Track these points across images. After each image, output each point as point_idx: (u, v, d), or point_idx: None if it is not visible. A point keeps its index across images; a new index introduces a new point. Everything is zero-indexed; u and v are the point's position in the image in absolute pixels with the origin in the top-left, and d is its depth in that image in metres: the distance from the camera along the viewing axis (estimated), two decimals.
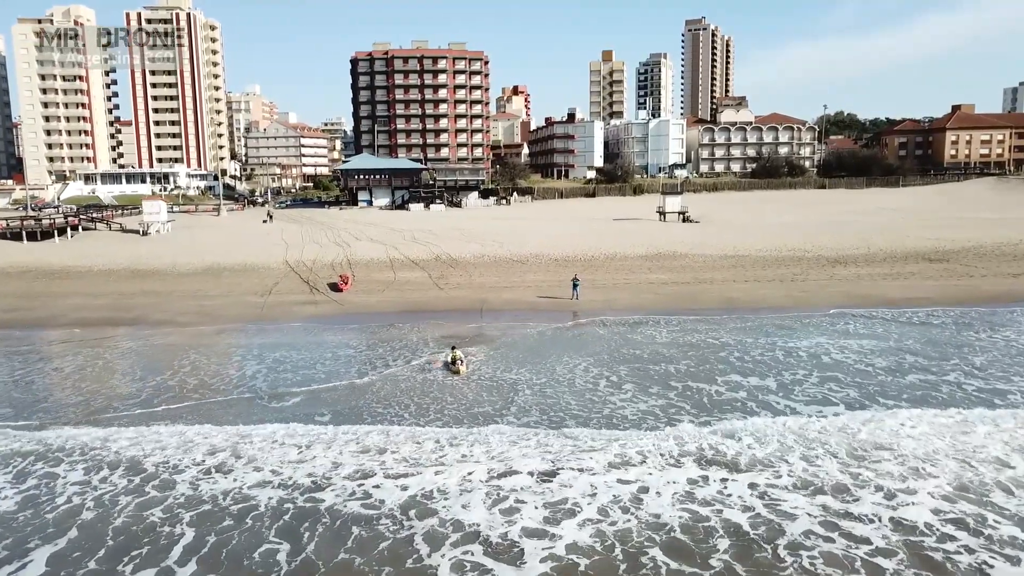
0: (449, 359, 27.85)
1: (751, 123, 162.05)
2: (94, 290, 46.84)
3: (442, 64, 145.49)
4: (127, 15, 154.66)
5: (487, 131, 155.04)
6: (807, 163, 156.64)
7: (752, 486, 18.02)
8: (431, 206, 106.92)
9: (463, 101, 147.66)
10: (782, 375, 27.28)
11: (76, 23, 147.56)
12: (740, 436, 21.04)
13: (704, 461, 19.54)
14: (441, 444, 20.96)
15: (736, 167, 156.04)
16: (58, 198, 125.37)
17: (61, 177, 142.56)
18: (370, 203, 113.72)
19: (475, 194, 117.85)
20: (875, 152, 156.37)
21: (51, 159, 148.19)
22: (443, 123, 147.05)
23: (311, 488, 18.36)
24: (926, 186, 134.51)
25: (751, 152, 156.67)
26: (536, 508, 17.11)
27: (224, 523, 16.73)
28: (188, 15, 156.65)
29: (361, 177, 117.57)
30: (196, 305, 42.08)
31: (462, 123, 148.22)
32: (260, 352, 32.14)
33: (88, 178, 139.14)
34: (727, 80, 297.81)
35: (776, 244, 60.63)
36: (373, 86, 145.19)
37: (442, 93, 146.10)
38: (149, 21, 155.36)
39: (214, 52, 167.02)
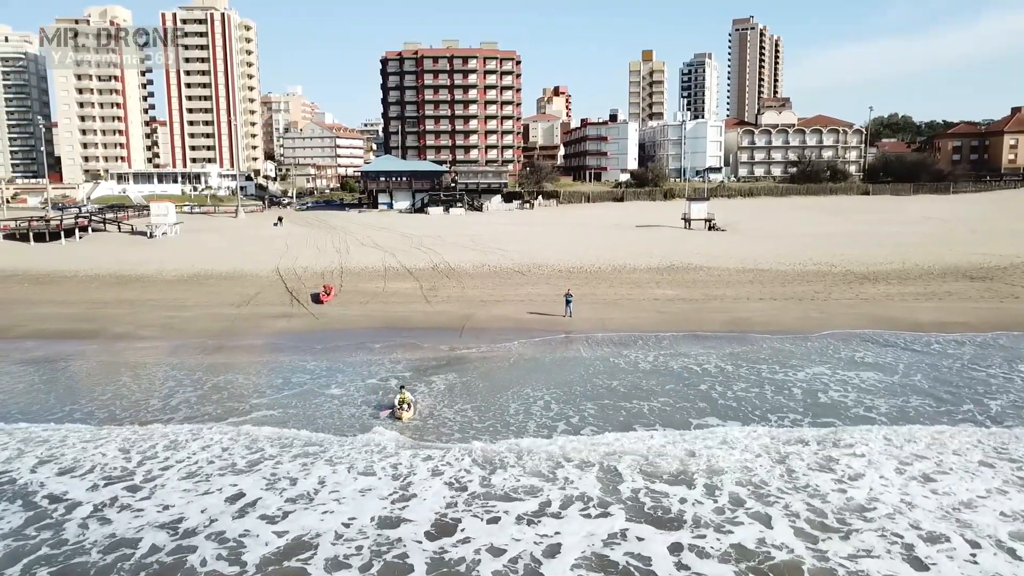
0: (396, 401, 24.17)
1: (793, 125, 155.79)
2: (70, 297, 45.03)
3: (472, 64, 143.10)
4: (162, 15, 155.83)
5: (517, 132, 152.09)
6: (852, 168, 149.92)
7: None
8: (451, 209, 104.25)
9: (494, 102, 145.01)
10: (761, 418, 23.53)
11: (112, 23, 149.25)
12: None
13: None
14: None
15: (777, 171, 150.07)
16: (88, 198, 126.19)
17: (95, 176, 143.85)
18: (390, 206, 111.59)
19: (498, 197, 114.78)
20: (925, 157, 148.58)
21: (86, 158, 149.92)
22: (473, 124, 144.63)
23: None
24: (979, 193, 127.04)
25: (792, 156, 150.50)
26: None
27: None
28: (222, 15, 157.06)
29: (382, 179, 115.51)
30: (165, 317, 39.78)
31: (492, 124, 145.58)
32: (181, 378, 29.06)
33: (120, 177, 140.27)
34: (775, 81, 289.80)
35: (801, 257, 56.27)
36: (403, 86, 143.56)
37: (472, 93, 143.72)
38: (184, 21, 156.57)
39: (248, 52, 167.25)
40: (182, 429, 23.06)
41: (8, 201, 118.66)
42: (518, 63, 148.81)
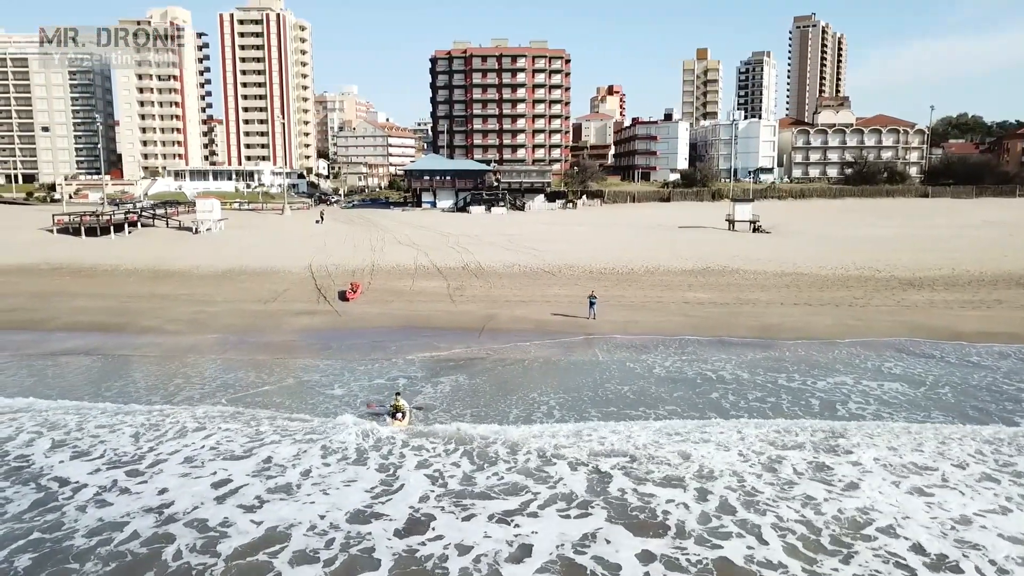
0: (390, 407, 23.42)
1: (851, 125, 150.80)
2: (107, 291, 46.17)
3: (521, 63, 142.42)
4: (220, 16, 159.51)
5: (565, 132, 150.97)
6: (913, 169, 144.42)
7: None
8: (492, 209, 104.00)
9: (542, 101, 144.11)
10: (766, 429, 22.46)
11: (172, 24, 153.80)
12: None
13: None
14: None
15: (832, 172, 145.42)
16: (145, 194, 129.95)
17: (153, 173, 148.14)
18: (433, 204, 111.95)
19: (541, 197, 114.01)
20: (989, 158, 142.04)
21: (145, 156, 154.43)
22: (520, 123, 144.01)
23: None
24: None
25: (849, 157, 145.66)
26: None
27: None
28: (278, 15, 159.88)
29: (426, 178, 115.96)
30: (192, 312, 40.41)
31: (540, 123, 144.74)
32: (190, 374, 29.39)
33: (177, 174, 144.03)
34: (837, 80, 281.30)
35: (844, 261, 54.25)
36: (451, 85, 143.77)
37: (520, 92, 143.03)
38: (241, 22, 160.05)
39: (303, 52, 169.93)
40: (179, 420, 23.24)
41: (71, 196, 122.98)
42: (567, 62, 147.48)
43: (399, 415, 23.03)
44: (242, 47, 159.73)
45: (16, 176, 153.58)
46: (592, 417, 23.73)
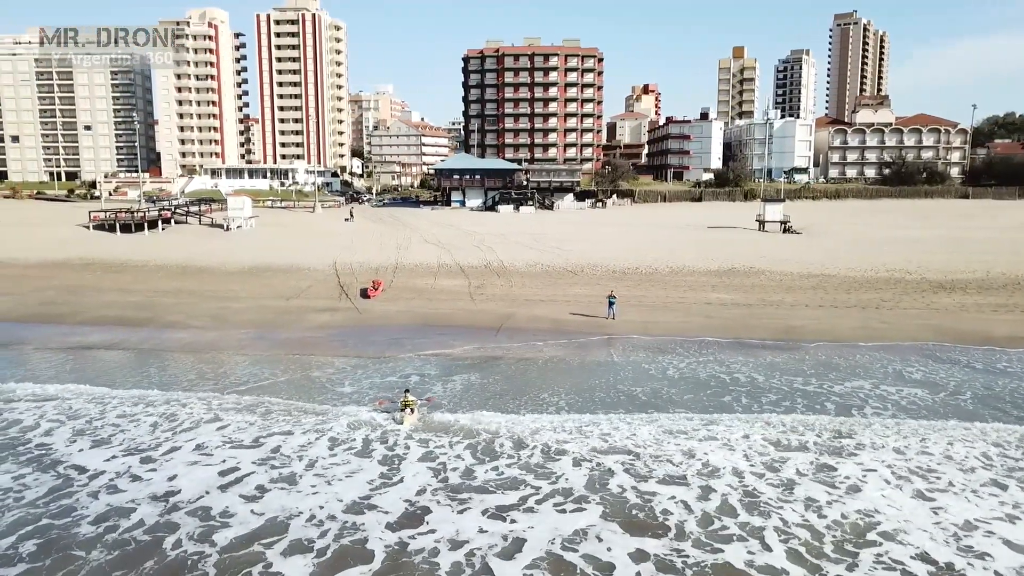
0: (399, 404, 23.56)
1: (890, 124, 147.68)
2: (135, 286, 47.17)
3: (553, 61, 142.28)
4: (257, 16, 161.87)
5: (597, 131, 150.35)
6: (954, 170, 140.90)
7: None
8: (521, 208, 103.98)
9: (574, 100, 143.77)
10: (774, 432, 22.06)
11: (211, 25, 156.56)
12: None
13: None
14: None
15: (870, 172, 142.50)
16: (182, 191, 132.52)
17: (190, 171, 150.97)
18: (463, 203, 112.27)
19: (570, 196, 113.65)
20: None
21: (183, 154, 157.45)
22: (552, 122, 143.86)
23: None
24: None
25: (888, 157, 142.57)
26: None
27: None
28: (313, 15, 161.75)
29: (455, 177, 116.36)
30: (216, 308, 41.06)
31: (572, 122, 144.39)
32: (204, 370, 29.89)
33: (214, 173, 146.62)
34: (879, 79, 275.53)
35: (875, 262, 53.15)
36: (483, 84, 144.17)
37: (552, 91, 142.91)
38: (278, 22, 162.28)
39: (338, 52, 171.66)
40: (193, 411, 23.65)
41: (111, 194, 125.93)
42: (600, 60, 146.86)
43: (408, 410, 23.18)
44: (278, 47, 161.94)
45: (60, 174, 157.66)
46: (600, 417, 23.56)
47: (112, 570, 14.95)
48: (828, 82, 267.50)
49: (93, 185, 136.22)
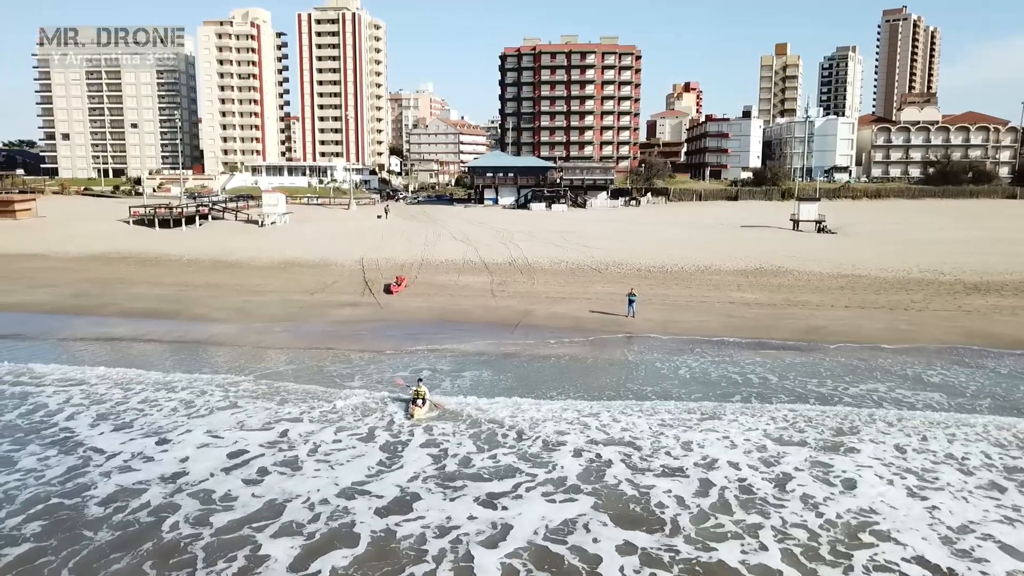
0: (412, 394, 23.97)
1: (936, 123, 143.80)
2: (166, 279, 48.38)
3: (590, 59, 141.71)
4: (298, 16, 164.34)
5: (635, 129, 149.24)
6: (1004, 169, 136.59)
7: None
8: (553, 206, 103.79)
9: (611, 97, 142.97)
10: (778, 438, 21.79)
11: (253, 25, 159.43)
12: None
13: None
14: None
15: (915, 171, 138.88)
16: (223, 188, 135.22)
17: (232, 168, 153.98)
18: (495, 201, 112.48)
19: (604, 194, 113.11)
20: None
21: (225, 152, 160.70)
22: (588, 120, 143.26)
23: None
24: None
25: (934, 156, 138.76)
26: None
27: None
28: (353, 15, 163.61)
29: (488, 175, 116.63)
30: (242, 301, 41.91)
31: (608, 120, 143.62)
32: (219, 364, 30.58)
33: (254, 170, 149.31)
34: (929, 76, 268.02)
35: (907, 263, 51.93)
36: (520, 82, 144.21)
37: (589, 89, 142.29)
38: (319, 22, 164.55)
39: (377, 51, 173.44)
40: (209, 401, 24.32)
41: (154, 190, 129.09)
42: (638, 58, 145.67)
43: (419, 401, 23.51)
44: (319, 46, 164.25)
45: (108, 171, 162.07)
46: (605, 417, 23.54)
47: (111, 552, 15.48)
48: (875, 80, 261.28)
49: (138, 181, 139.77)
